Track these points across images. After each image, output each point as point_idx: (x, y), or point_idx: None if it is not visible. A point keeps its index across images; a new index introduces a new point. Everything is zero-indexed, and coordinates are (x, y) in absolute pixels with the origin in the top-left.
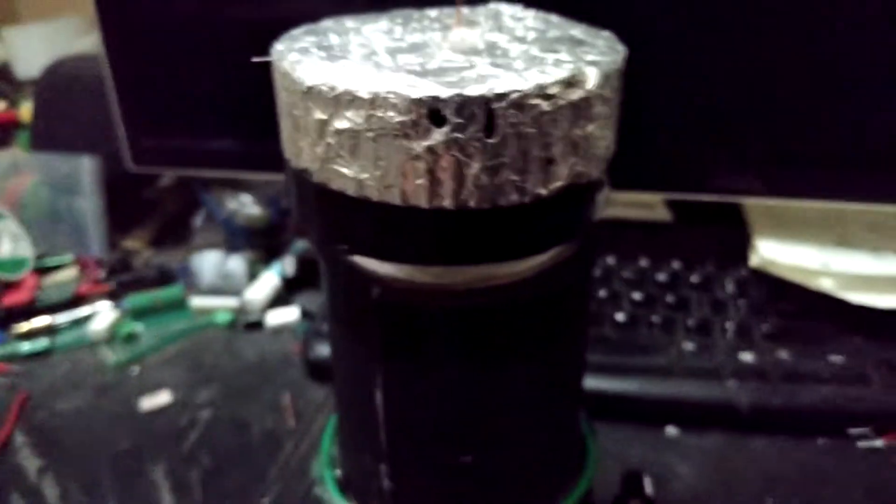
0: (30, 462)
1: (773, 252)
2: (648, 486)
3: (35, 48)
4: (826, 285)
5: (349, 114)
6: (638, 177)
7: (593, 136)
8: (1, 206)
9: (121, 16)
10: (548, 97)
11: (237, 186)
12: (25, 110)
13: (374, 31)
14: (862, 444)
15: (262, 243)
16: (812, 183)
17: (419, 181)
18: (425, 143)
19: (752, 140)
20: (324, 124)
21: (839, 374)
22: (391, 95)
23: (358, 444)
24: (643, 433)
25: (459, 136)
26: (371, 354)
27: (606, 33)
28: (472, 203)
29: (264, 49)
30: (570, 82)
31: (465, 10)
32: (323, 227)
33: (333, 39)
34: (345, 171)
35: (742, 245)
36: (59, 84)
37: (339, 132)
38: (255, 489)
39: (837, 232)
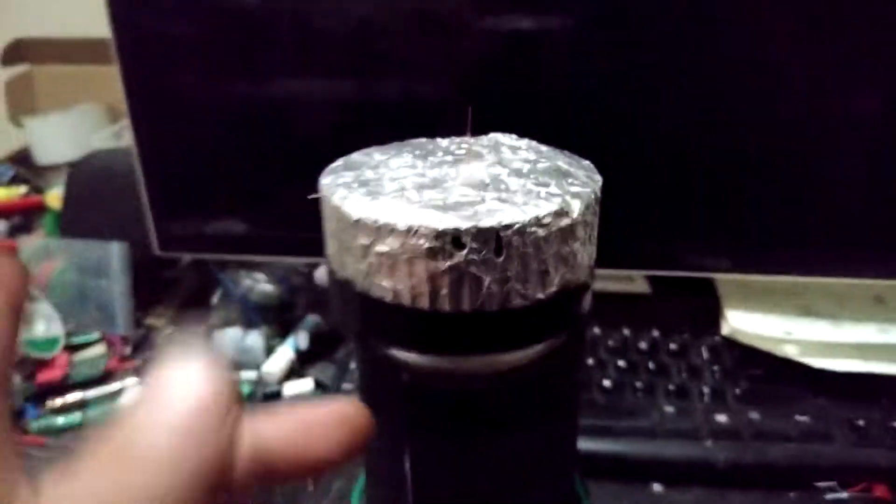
0: None
1: (741, 321)
2: None
3: (55, 136)
4: (790, 352)
5: (388, 240)
6: (619, 257)
7: (578, 252)
8: (34, 289)
9: (150, 112)
10: (542, 225)
11: (250, 266)
12: (53, 197)
13: (400, 165)
14: (829, 496)
15: (275, 319)
16: (775, 260)
17: (444, 291)
18: (449, 263)
19: (719, 223)
20: (367, 247)
21: (805, 433)
22: (422, 227)
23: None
24: (630, 490)
25: (475, 257)
26: (399, 430)
27: (586, 163)
28: (485, 307)
29: (280, 137)
30: (559, 213)
31: (471, 141)
32: (364, 326)
33: (369, 174)
34: (384, 283)
35: (714, 315)
36: (92, 174)
37: (380, 254)
38: None
39: (802, 301)
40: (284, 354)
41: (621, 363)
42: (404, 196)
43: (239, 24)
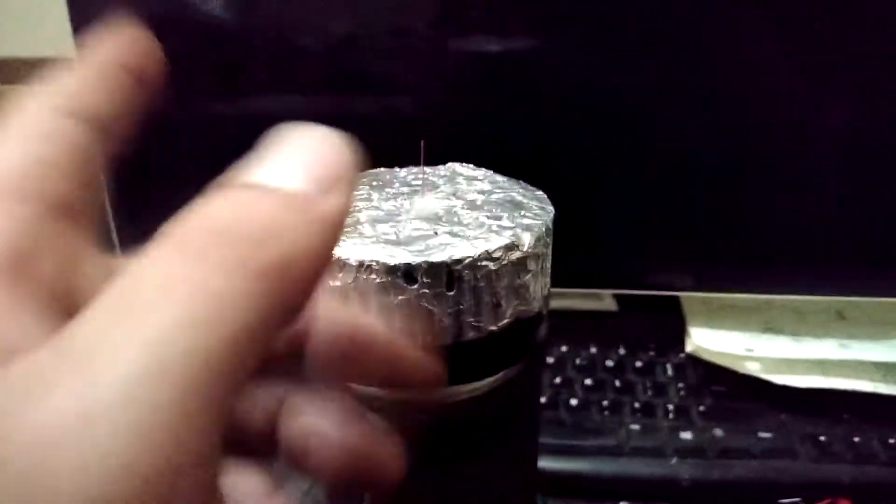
0: None
1: (705, 339)
2: None
3: None
4: (752, 368)
5: (340, 275)
6: (587, 276)
7: (530, 284)
8: None
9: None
10: (493, 259)
11: None
12: None
13: (356, 198)
14: None
15: None
16: (738, 278)
17: (397, 326)
18: (401, 297)
19: (683, 242)
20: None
21: (769, 449)
22: (374, 262)
23: None
24: None
25: (427, 291)
26: None
27: (540, 193)
28: (439, 341)
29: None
30: (510, 246)
31: (427, 171)
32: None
33: None
34: None
35: (679, 332)
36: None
37: (332, 289)
38: None
39: (764, 318)
40: None
41: (588, 381)
42: (357, 230)
43: (210, 41)
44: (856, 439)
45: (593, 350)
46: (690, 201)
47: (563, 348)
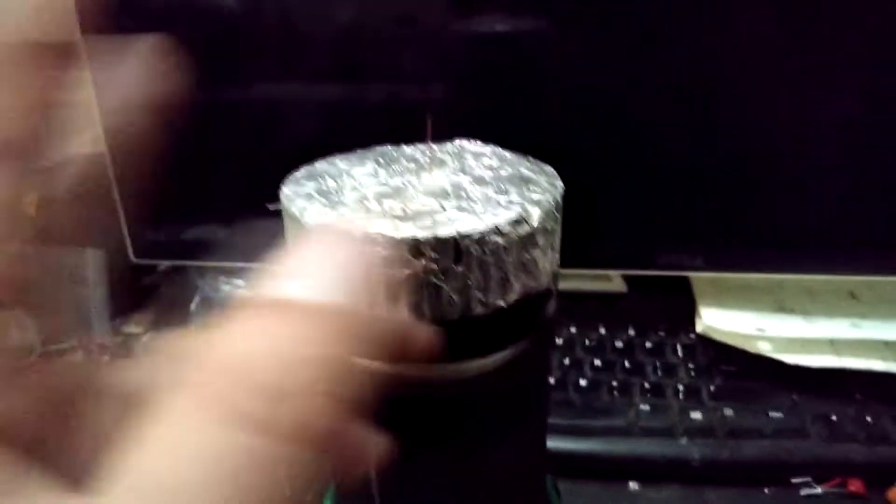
0: None
1: (715, 319)
2: None
3: None
4: (763, 348)
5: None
6: (597, 257)
7: (539, 259)
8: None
9: (121, 119)
10: (501, 234)
11: (229, 272)
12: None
13: (363, 174)
14: (804, 492)
15: None
16: (749, 258)
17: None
18: (407, 272)
19: (694, 222)
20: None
21: (779, 429)
22: (380, 236)
23: None
24: (607, 489)
25: (434, 266)
26: None
27: (549, 168)
28: (446, 316)
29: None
30: (518, 221)
31: (434, 147)
32: None
33: (330, 184)
34: None
35: (689, 313)
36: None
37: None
38: None
39: (775, 298)
40: None
41: (597, 362)
42: (364, 206)
43: (214, 28)
44: (868, 419)
45: (602, 331)
46: (701, 180)
47: (573, 329)
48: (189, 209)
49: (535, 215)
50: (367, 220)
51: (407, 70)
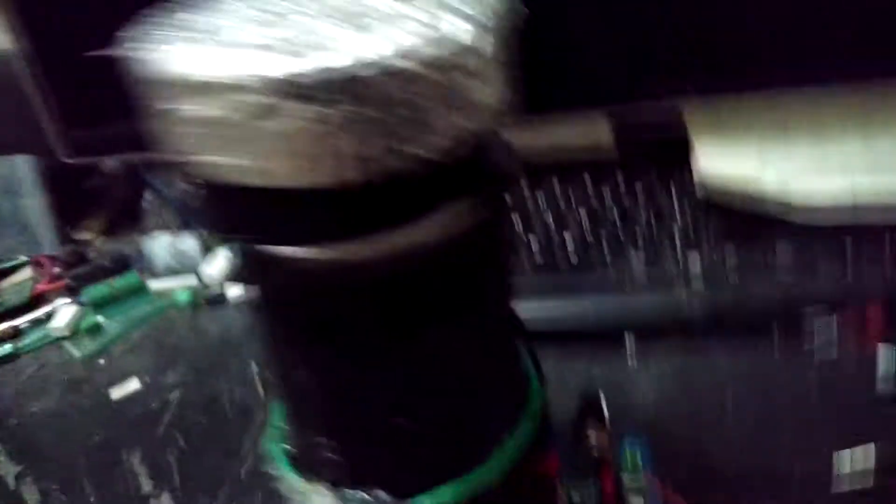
0: (7, 469)
1: (712, 160)
2: (605, 408)
3: None
4: (768, 183)
5: (204, 101)
6: (572, 94)
7: (475, 91)
8: None
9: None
10: (414, 59)
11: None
12: None
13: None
14: (817, 327)
15: None
16: (745, 77)
17: (295, 162)
18: (293, 123)
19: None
20: (191, 115)
21: (788, 266)
22: (251, 79)
23: (298, 420)
24: (601, 351)
25: (328, 111)
26: (291, 336)
27: None
28: (351, 177)
29: None
30: (441, 42)
31: None
32: (217, 221)
33: (187, 18)
34: (218, 161)
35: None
36: None
37: (205, 122)
38: (232, 464)
39: (779, 126)
40: (224, 255)
41: (582, 213)
42: (221, 37)
43: None
44: (881, 252)
45: (588, 180)
46: None
47: (554, 179)
48: (116, 98)
49: (464, 32)
50: (237, 57)
51: None
